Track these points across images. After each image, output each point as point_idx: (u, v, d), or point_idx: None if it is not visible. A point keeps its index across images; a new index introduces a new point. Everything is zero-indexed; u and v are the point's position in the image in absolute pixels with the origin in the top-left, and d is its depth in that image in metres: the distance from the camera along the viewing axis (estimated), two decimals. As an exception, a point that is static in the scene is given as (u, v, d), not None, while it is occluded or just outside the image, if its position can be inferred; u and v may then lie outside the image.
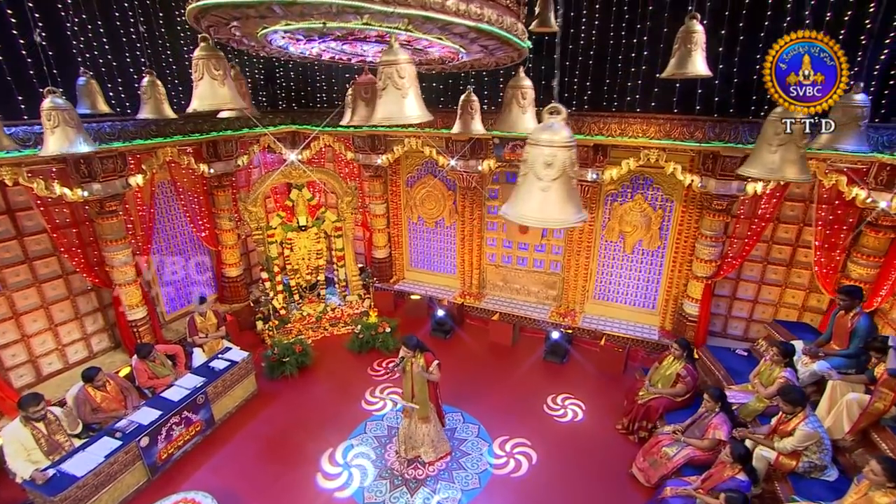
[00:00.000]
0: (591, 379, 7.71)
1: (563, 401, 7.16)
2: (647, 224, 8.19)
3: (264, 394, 7.32)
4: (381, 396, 7.14)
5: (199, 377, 6.50)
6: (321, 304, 9.32)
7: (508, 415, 6.84)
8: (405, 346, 5.51)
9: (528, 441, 6.23)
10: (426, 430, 5.92)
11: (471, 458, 6.06)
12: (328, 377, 7.71)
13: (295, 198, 8.86)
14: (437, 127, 8.51)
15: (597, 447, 6.27)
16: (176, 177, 8.12)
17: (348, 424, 6.62)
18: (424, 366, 5.61)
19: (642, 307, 8.74)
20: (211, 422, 6.48)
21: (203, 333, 7.29)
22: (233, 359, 6.95)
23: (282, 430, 6.54)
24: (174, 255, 8.61)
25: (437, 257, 10.32)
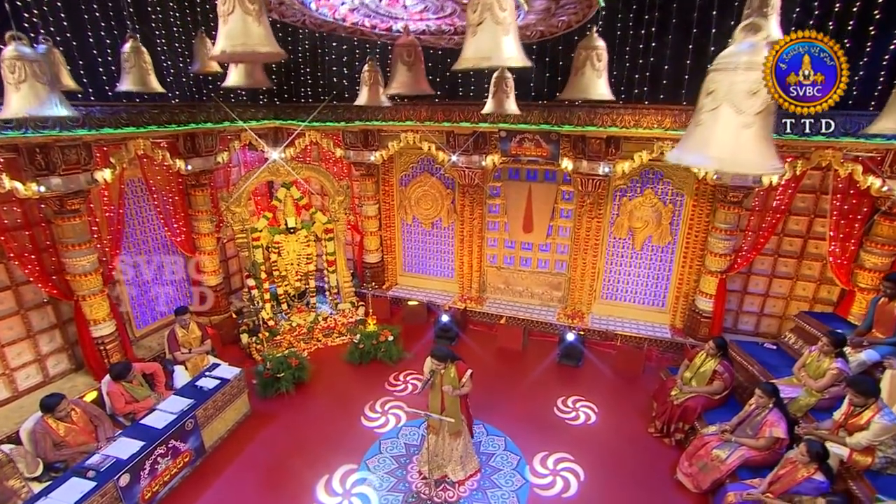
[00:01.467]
0: (610, 382, 7.28)
1: (586, 407, 6.67)
2: (657, 219, 7.91)
3: (259, 414, 6.43)
4: (382, 411, 6.44)
5: (185, 398, 5.58)
6: (311, 314, 8.48)
7: (534, 424, 6.28)
8: (436, 358, 4.86)
9: (571, 455, 5.66)
10: (456, 445, 5.27)
11: (503, 474, 5.45)
12: (328, 393, 6.90)
13: (282, 197, 8.04)
14: (439, 120, 7.97)
15: (634, 454, 5.79)
16: (148, 174, 7.15)
17: (359, 445, 5.86)
18: (457, 377, 4.98)
19: (652, 306, 8.44)
20: (201, 450, 5.57)
21: (186, 348, 6.34)
22: (223, 376, 6.06)
23: (282, 455, 5.70)
24: (146, 263, 7.58)
25: (433, 260, 9.70)
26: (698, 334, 7.76)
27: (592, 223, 8.22)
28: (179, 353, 6.27)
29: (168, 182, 7.50)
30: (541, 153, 7.65)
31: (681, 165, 7.36)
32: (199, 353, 6.43)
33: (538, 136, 7.52)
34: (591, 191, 7.79)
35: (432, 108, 7.98)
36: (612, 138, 7.31)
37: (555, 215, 8.54)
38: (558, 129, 7.39)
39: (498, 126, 7.67)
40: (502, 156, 7.95)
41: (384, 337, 7.69)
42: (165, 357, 6.47)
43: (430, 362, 4.97)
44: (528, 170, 8.45)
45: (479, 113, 7.69)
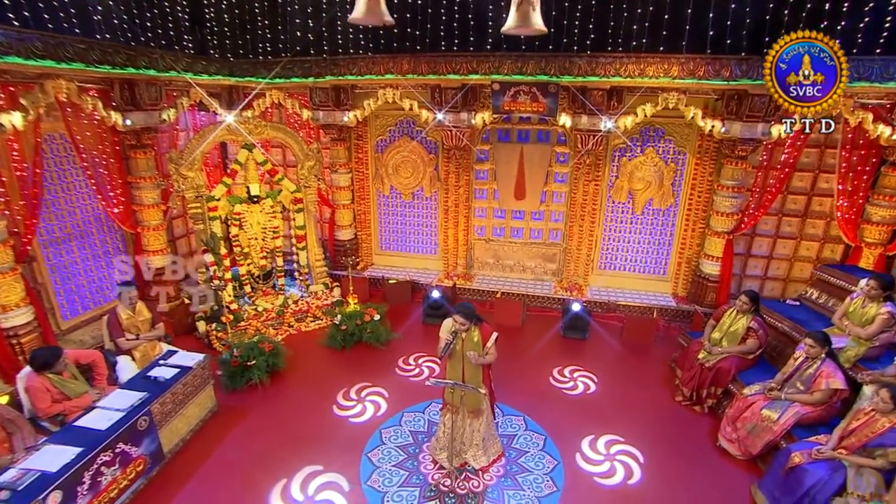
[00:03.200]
0: (621, 353, 6.75)
1: (603, 381, 6.09)
2: (659, 180, 7.50)
3: (227, 410, 5.37)
4: (358, 398, 5.58)
5: (135, 392, 4.47)
6: (279, 297, 7.42)
7: (552, 401, 5.61)
8: (461, 315, 4.07)
9: (622, 437, 4.99)
10: (477, 426, 4.49)
11: (530, 456, 4.72)
12: (309, 381, 5.91)
13: (244, 160, 6.96)
14: (423, 73, 7.19)
15: (667, 426, 5.24)
16: (75, 128, 5.88)
17: (355, 438, 4.96)
18: (480, 341, 4.21)
19: (653, 274, 8.02)
20: (158, 455, 4.47)
21: (132, 334, 5.17)
22: (182, 364, 4.97)
23: (260, 456, 4.69)
24: (73, 239, 6.27)
25: (413, 236, 8.85)
26: (704, 300, 7.40)
27: (590, 187, 7.70)
28: (124, 340, 5.09)
29: (101, 140, 6.23)
30: (537, 108, 7.03)
31: (683, 122, 7.03)
32: (149, 340, 5.28)
33: (535, 88, 6.90)
34: (590, 149, 7.27)
35: (415, 59, 7.18)
36: (614, 90, 6.81)
37: (549, 180, 7.95)
38: (557, 79, 6.80)
39: (490, 78, 6.98)
40: (494, 113, 7.26)
41: (369, 316, 6.78)
42: (105, 347, 5.26)
43: (452, 323, 4.18)
44: (520, 130, 7.82)
45: (469, 64, 7.06)
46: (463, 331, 4.15)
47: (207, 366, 5.18)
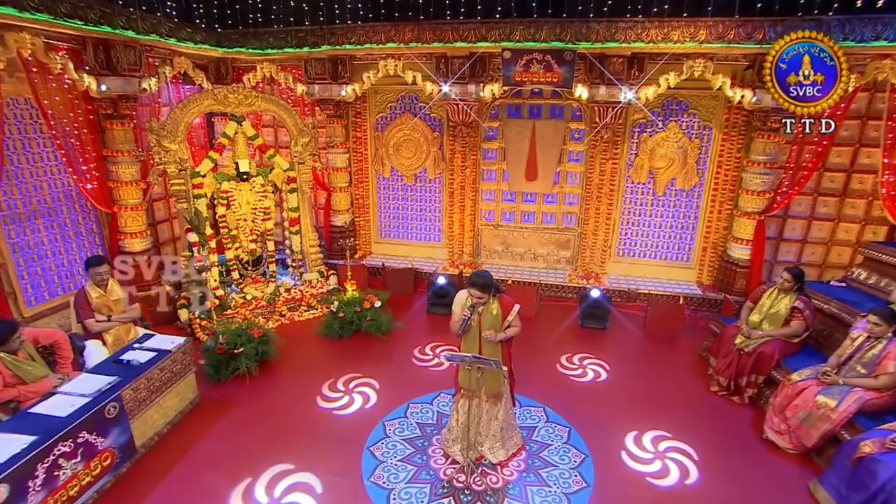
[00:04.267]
0: (646, 344, 6.32)
1: (629, 372, 5.66)
2: (682, 157, 7.12)
3: (210, 402, 4.90)
4: (346, 390, 5.13)
5: (103, 377, 4.01)
6: (270, 285, 6.97)
7: (574, 393, 5.19)
8: (477, 287, 3.65)
9: (669, 432, 4.51)
10: (495, 413, 4.05)
11: (553, 450, 4.27)
12: (303, 373, 5.43)
13: (232, 134, 6.55)
14: (427, 41, 6.84)
15: (705, 419, 4.80)
16: (42, 91, 5.45)
17: (355, 432, 4.50)
18: (500, 315, 3.79)
19: (676, 261, 7.62)
20: (129, 449, 3.99)
21: (103, 315, 4.71)
22: (160, 347, 4.51)
23: (244, 453, 4.21)
24: (40, 218, 5.82)
25: (416, 222, 8.43)
26: (733, 288, 6.99)
27: (607, 166, 7.32)
28: (93, 321, 4.62)
29: (73, 108, 5.80)
30: (551, 78, 6.66)
31: (709, 94, 6.66)
32: (122, 322, 4.81)
33: (549, 56, 6.53)
34: (608, 123, 6.90)
35: (419, 27, 6.84)
36: (635, 57, 6.47)
37: (563, 159, 7.56)
38: (573, 46, 6.45)
39: (501, 45, 6.62)
40: (504, 84, 6.87)
41: (369, 303, 6.34)
42: (72, 332, 4.79)
43: (467, 296, 3.75)
44: (532, 105, 7.45)
45: (477, 31, 6.71)
46: (480, 304, 3.73)
47: (189, 351, 4.73)
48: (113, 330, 4.75)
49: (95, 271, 4.60)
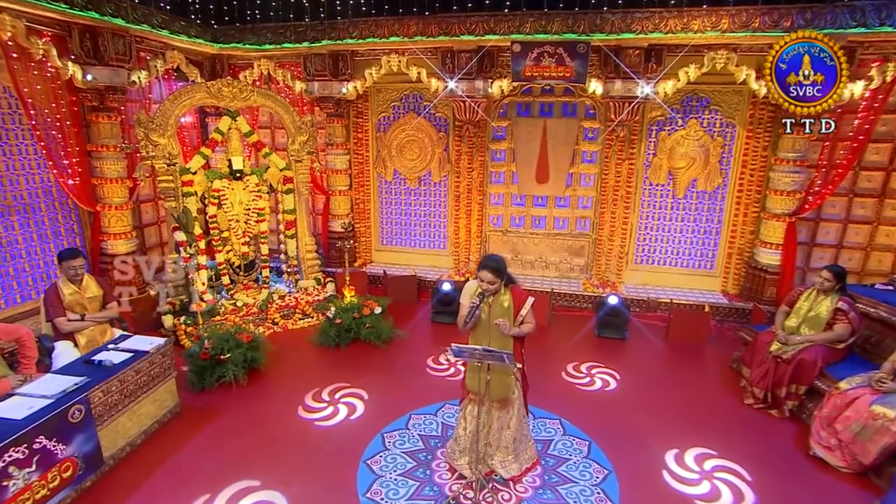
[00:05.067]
0: (669, 355, 5.97)
1: (652, 385, 5.31)
2: (704, 157, 6.88)
3: (192, 411, 4.58)
4: (331, 400, 4.81)
5: (70, 377, 3.71)
6: (263, 292, 6.70)
7: (594, 405, 4.84)
8: (489, 270, 3.37)
9: (714, 450, 4.11)
10: (506, 421, 3.71)
11: (572, 464, 3.91)
12: (294, 383, 5.11)
13: (226, 130, 6.37)
14: (433, 34, 6.71)
15: (742, 435, 4.42)
16: (23, 79, 5.28)
17: (350, 444, 4.15)
18: (512, 308, 3.50)
19: (698, 268, 7.31)
20: (96, 459, 3.66)
21: (75, 313, 4.43)
22: (137, 347, 4.22)
23: (224, 467, 3.88)
24: (15, 214, 5.59)
25: (419, 228, 8.18)
26: (763, 296, 6.67)
27: (623, 167, 7.09)
28: (64, 320, 4.33)
29: (55, 98, 5.64)
30: (564, 73, 6.49)
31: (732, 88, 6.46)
32: (97, 322, 4.52)
33: (561, 48, 6.38)
34: (624, 121, 6.70)
35: (423, 20, 6.73)
36: (653, 49, 6.30)
37: (576, 160, 7.35)
38: (587, 38, 6.31)
39: (510, 38, 6.49)
40: (514, 80, 6.72)
41: (368, 310, 6.04)
42: (41, 333, 4.51)
43: (476, 286, 3.47)
44: (542, 104, 7.27)
45: (485, 24, 6.58)
46: (490, 292, 3.44)
47: (169, 353, 4.43)
48: (87, 331, 4.46)
49: (69, 265, 4.34)
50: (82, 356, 4.12)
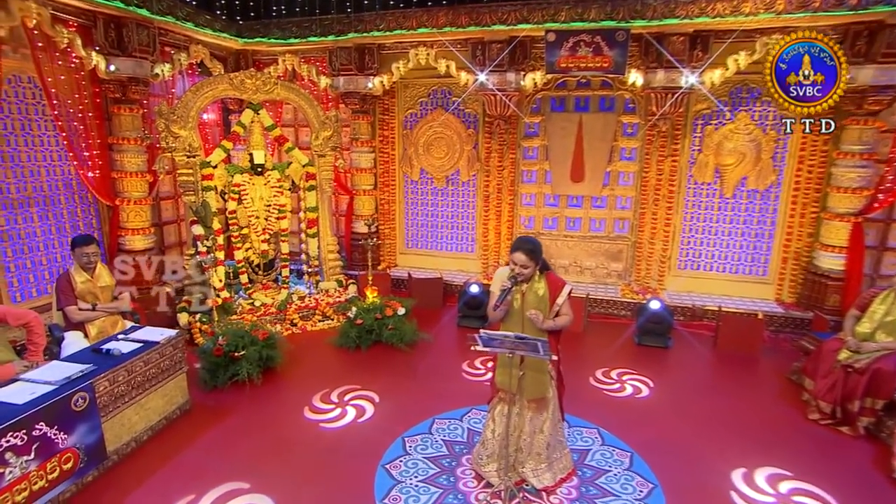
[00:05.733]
0: (720, 366, 5.61)
1: (700, 397, 4.99)
2: (755, 152, 6.55)
3: (202, 410, 4.47)
4: (341, 401, 4.65)
5: (75, 365, 3.64)
6: (282, 292, 6.61)
7: (638, 416, 4.54)
8: (523, 251, 3.17)
9: (788, 471, 3.74)
10: (540, 425, 3.45)
11: (612, 476, 3.62)
12: (314, 384, 4.95)
13: (248, 123, 6.38)
14: (463, 25, 6.63)
15: (810, 454, 4.04)
16: (46, 69, 5.38)
17: (369, 448, 3.95)
18: (547, 297, 3.27)
19: (749, 274, 6.91)
20: (98, 453, 3.55)
21: (87, 303, 4.39)
22: (147, 338, 4.14)
23: (239, 467, 3.71)
24: (35, 206, 5.65)
25: (446, 230, 8.03)
26: (824, 305, 6.24)
27: (665, 164, 6.81)
28: (75, 309, 4.28)
29: (78, 89, 5.75)
30: (601, 63, 6.30)
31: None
32: (108, 313, 4.47)
33: (598, 37, 6.20)
34: (666, 114, 6.45)
35: (453, 11, 6.67)
36: (699, 35, 6.07)
37: (614, 157, 7.10)
38: (627, 25, 6.12)
39: (544, 27, 6.35)
40: (548, 72, 6.56)
41: (391, 310, 5.87)
42: (52, 323, 4.49)
43: (508, 270, 3.26)
44: (578, 98, 7.08)
45: (518, 13, 6.47)
46: (524, 278, 3.23)
47: (181, 346, 4.35)
48: (98, 321, 4.40)
49: (82, 251, 4.30)
50: (91, 345, 4.05)
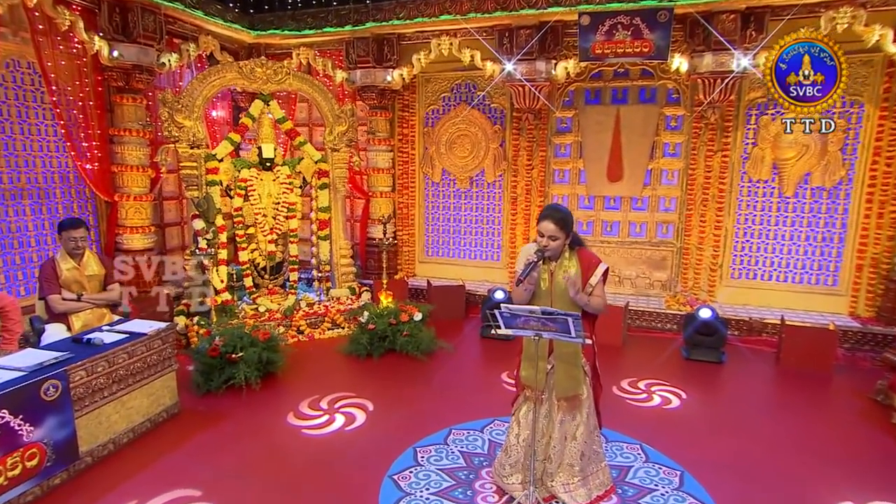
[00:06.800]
0: (785, 383, 5.20)
1: (767, 416, 4.58)
2: (820, 144, 6.20)
3: (192, 414, 4.27)
4: (325, 409, 4.39)
5: (50, 352, 3.49)
6: (290, 297, 6.46)
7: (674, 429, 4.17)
8: (553, 219, 2.91)
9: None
10: (572, 430, 3.13)
11: (658, 496, 3.25)
12: (318, 392, 4.71)
13: (257, 114, 6.36)
14: (489, 10, 6.55)
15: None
16: (47, 53, 5.44)
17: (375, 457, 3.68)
18: (580, 275, 3.01)
19: (816, 285, 6.46)
20: (69, 452, 3.36)
21: (72, 293, 4.28)
22: (133, 330, 4.00)
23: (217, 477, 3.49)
24: (28, 198, 5.66)
25: (469, 236, 7.82)
26: (909, 319, 5.78)
27: (715, 160, 6.52)
28: (58, 298, 4.16)
29: (80, 76, 5.83)
30: (641, 48, 6.12)
31: (858, 58, 5.81)
32: (95, 304, 4.35)
33: (637, 19, 6.03)
34: (715, 102, 6.18)
35: (471, -9, 6.61)
36: (752, 12, 5.86)
37: (656, 153, 6.84)
38: (670, 3, 5.94)
39: (577, 9, 6.22)
40: (581, 59, 6.40)
41: (407, 316, 5.64)
42: (34, 315, 4.39)
43: (535, 246, 3.01)
44: (615, 89, 6.89)
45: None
46: (552, 253, 2.97)
47: (171, 341, 4.18)
48: (83, 313, 4.29)
49: (69, 235, 4.21)
50: (73, 335, 3.93)
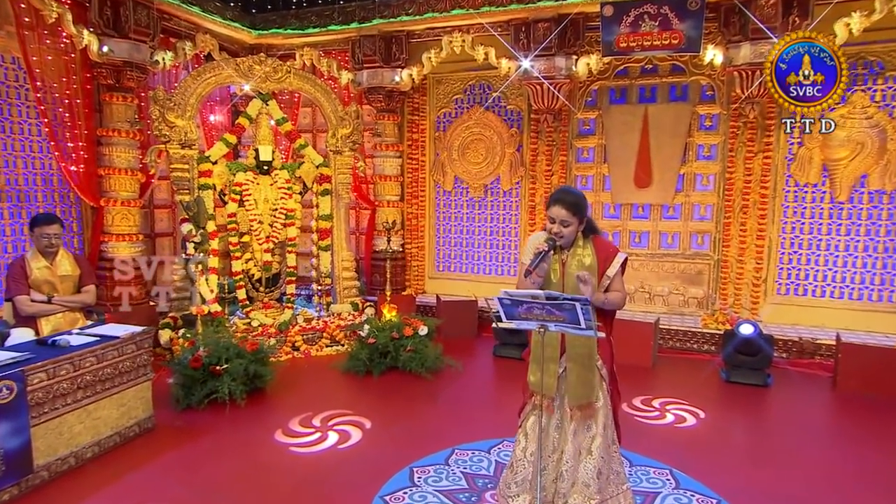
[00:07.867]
0: (845, 411, 4.92)
1: (823, 446, 4.32)
2: (878, 142, 5.94)
3: (167, 430, 4.14)
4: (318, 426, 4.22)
5: (7, 353, 3.40)
6: (286, 311, 6.35)
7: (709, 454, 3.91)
8: (564, 203, 2.75)
9: None
10: (587, 442, 2.90)
11: (692, 527, 3.00)
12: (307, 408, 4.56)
13: (254, 114, 6.38)
14: (504, 3, 6.55)
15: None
16: (32, 47, 5.54)
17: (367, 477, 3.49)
18: (596, 266, 2.83)
19: (878, 301, 6.12)
20: (22, 464, 3.21)
21: (42, 294, 4.21)
22: (106, 333, 3.91)
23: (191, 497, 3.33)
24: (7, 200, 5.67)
25: (484, 249, 7.69)
26: None
27: (755, 162, 6.32)
28: (26, 299, 4.09)
29: (67, 72, 5.91)
30: (670, 40, 6.01)
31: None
32: (67, 307, 4.28)
33: (666, 7, 5.93)
34: (754, 97, 6.02)
35: (481, -23, 6.62)
36: (796, -6, 5.73)
37: (689, 156, 6.67)
38: (700, -10, 5.86)
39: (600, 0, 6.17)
40: (604, 54, 6.31)
41: (411, 330, 5.48)
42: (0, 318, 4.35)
43: (544, 235, 2.85)
44: (642, 87, 6.78)
45: (567, -12, 6.34)
46: (564, 240, 2.80)
47: (146, 347, 4.08)
48: (53, 317, 4.23)
49: (42, 232, 4.19)
50: (39, 338, 3.85)
